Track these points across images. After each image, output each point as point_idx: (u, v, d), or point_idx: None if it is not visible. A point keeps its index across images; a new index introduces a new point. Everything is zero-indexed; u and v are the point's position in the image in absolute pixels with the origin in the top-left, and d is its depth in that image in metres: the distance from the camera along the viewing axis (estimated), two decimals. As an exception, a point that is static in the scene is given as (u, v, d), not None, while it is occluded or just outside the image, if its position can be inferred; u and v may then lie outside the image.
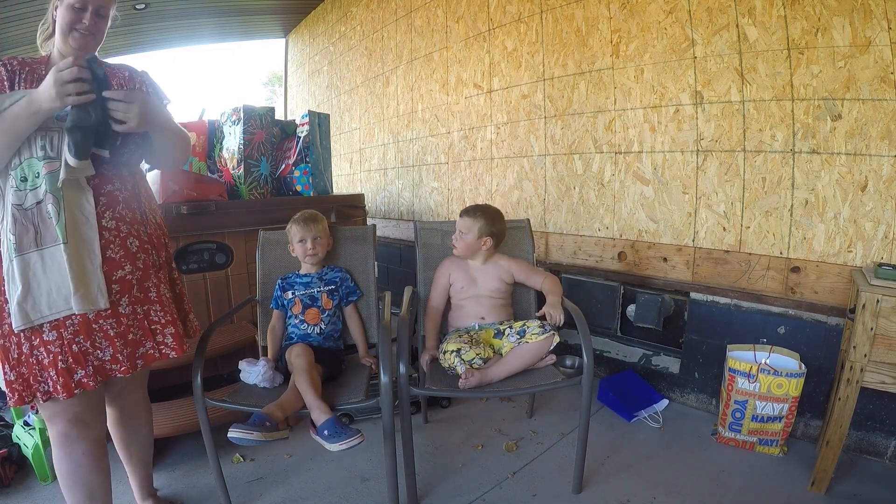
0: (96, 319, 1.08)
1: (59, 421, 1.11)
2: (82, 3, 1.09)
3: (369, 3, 3.80)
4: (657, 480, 1.57)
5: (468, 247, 1.74)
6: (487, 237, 1.73)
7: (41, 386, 1.05)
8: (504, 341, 1.59)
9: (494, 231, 1.74)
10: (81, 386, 1.06)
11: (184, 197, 1.99)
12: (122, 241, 1.13)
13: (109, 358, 1.10)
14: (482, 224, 1.72)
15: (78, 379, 1.06)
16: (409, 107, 3.46)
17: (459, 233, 1.76)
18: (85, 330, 1.07)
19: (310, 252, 1.64)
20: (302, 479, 1.62)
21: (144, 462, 1.39)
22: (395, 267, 3.64)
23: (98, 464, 1.16)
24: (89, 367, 1.07)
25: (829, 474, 1.45)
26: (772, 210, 1.78)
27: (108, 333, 1.10)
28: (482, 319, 1.71)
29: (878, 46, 1.50)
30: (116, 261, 1.12)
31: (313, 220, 1.67)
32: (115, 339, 1.10)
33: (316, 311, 1.62)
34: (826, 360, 1.71)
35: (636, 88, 2.09)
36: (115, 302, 1.11)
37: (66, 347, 1.06)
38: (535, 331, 1.55)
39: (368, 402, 1.36)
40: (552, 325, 1.57)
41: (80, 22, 1.10)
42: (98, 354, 1.09)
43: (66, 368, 1.05)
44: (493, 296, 1.74)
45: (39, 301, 1.03)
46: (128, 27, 4.18)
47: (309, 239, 1.64)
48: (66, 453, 1.12)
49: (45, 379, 1.05)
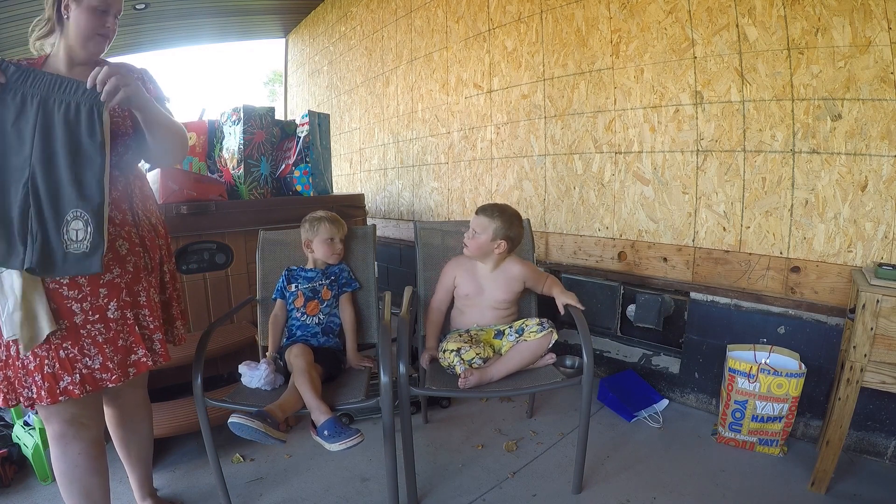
0: (84, 325, 1.06)
1: (55, 421, 1.10)
2: (105, 5, 1.07)
3: (369, 3, 3.80)
4: (657, 480, 1.57)
5: (480, 248, 1.65)
6: (502, 241, 1.63)
7: (25, 391, 1.04)
8: (504, 341, 1.59)
9: (511, 235, 1.64)
10: (66, 393, 1.04)
11: (184, 197, 1.99)
12: (111, 243, 1.10)
13: (99, 366, 1.08)
14: (498, 225, 1.62)
15: (63, 386, 1.04)
16: (409, 107, 3.46)
17: (473, 231, 1.65)
18: (73, 336, 1.05)
19: (337, 251, 1.68)
20: (302, 479, 1.62)
21: (144, 461, 1.39)
22: (395, 267, 3.64)
23: (95, 464, 1.15)
24: (76, 374, 1.05)
25: (829, 474, 1.45)
26: (772, 210, 1.78)
27: (96, 339, 1.07)
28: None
29: (878, 46, 1.50)
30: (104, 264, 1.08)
31: (341, 223, 1.72)
32: (104, 346, 1.08)
33: (316, 303, 1.64)
34: (826, 360, 1.71)
35: (636, 88, 2.09)
36: (102, 306, 1.08)
37: (53, 353, 1.04)
38: (533, 329, 1.55)
39: (368, 402, 1.36)
40: (550, 324, 1.57)
41: (103, 27, 1.08)
42: (87, 362, 1.07)
43: (52, 374, 1.03)
44: (498, 307, 1.68)
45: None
46: (128, 27, 4.18)
47: (337, 238, 1.69)
48: (63, 453, 1.12)
49: (28, 385, 1.04)
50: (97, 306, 1.08)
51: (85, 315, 1.07)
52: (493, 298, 1.69)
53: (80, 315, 1.06)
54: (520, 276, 1.69)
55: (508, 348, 1.55)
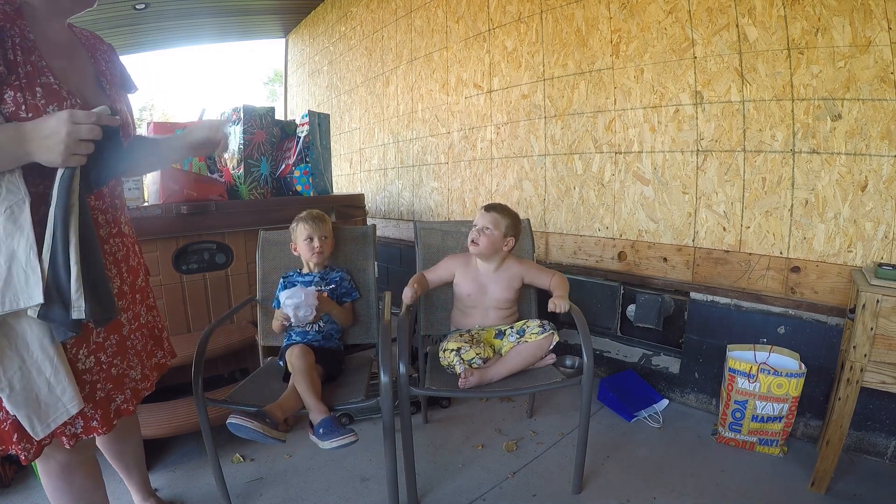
0: (129, 335, 1.00)
1: (59, 453, 0.97)
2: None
3: (369, 3, 3.80)
4: (657, 480, 1.57)
5: (492, 244, 1.63)
6: (511, 238, 1.66)
7: (68, 429, 0.90)
8: (504, 341, 1.59)
9: (517, 234, 1.69)
10: (120, 414, 0.95)
11: (184, 197, 1.99)
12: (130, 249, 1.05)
13: (140, 376, 1.02)
14: (509, 223, 1.65)
15: (116, 406, 0.95)
16: (409, 107, 3.46)
17: (484, 228, 1.62)
18: (122, 350, 0.98)
19: (316, 251, 1.63)
20: (302, 479, 1.62)
21: (140, 464, 1.38)
22: (395, 267, 3.64)
23: (97, 483, 1.09)
24: (127, 390, 0.98)
25: (829, 474, 1.45)
26: (772, 210, 1.78)
27: (136, 348, 1.02)
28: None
29: (878, 46, 1.50)
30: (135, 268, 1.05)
31: (321, 220, 1.66)
32: (141, 353, 1.04)
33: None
34: (826, 360, 1.71)
35: (636, 88, 2.09)
36: (138, 313, 1.03)
37: (105, 373, 0.94)
38: (534, 330, 1.55)
39: (368, 401, 1.36)
40: (551, 325, 1.57)
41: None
42: (132, 375, 1.00)
43: (106, 397, 0.93)
44: (500, 306, 1.69)
45: None
46: (128, 27, 4.18)
47: (317, 237, 1.63)
48: (68, 483, 1.01)
49: (72, 420, 0.90)
50: (136, 313, 1.04)
51: (129, 325, 1.03)
52: (496, 298, 1.68)
53: (126, 326, 1.02)
54: (518, 274, 1.70)
55: (509, 349, 1.55)
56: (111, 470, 1.34)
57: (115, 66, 1.07)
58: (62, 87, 0.87)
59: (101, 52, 1.04)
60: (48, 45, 0.89)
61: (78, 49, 0.98)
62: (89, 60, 0.99)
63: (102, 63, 1.02)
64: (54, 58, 0.89)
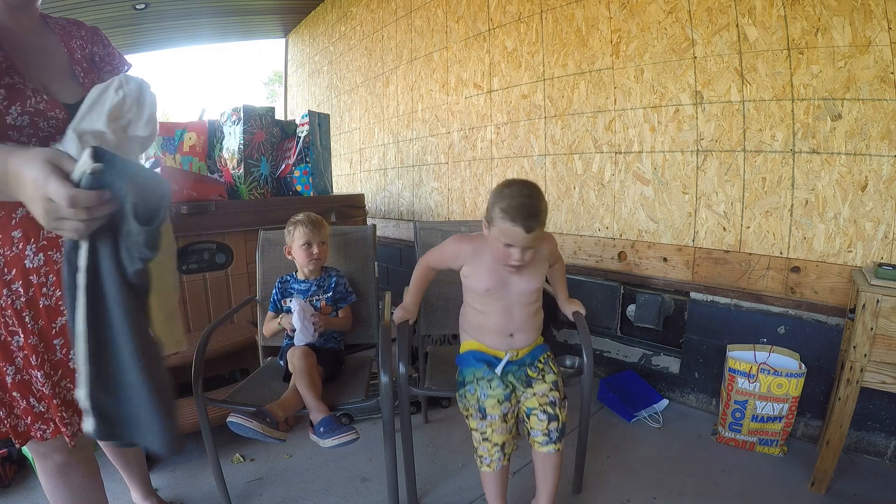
0: None
1: (58, 453, 0.98)
2: None
3: (369, 3, 3.80)
4: (657, 480, 1.57)
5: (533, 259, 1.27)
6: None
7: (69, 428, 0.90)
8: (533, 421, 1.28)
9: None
10: None
11: (184, 197, 1.99)
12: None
13: None
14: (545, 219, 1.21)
15: None
16: (409, 107, 3.46)
17: (524, 249, 1.19)
18: None
19: (315, 257, 1.57)
20: (302, 479, 1.62)
21: (141, 462, 1.39)
22: (395, 267, 3.64)
23: (95, 481, 1.08)
24: None
25: (829, 474, 1.45)
26: (772, 210, 1.78)
27: None
28: (511, 337, 1.32)
29: (878, 46, 1.50)
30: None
31: (320, 225, 1.59)
32: None
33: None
34: (826, 360, 1.71)
35: (636, 88, 2.09)
36: None
37: None
38: (539, 438, 1.29)
39: (368, 401, 1.36)
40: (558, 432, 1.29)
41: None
42: None
43: None
44: (528, 301, 1.32)
45: None
46: (128, 27, 4.18)
47: (315, 244, 1.56)
48: (66, 483, 1.00)
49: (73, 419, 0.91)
50: None
51: None
52: (520, 290, 1.30)
53: None
54: (547, 254, 1.37)
55: (540, 458, 1.31)
56: (111, 470, 1.34)
57: (95, 51, 1.01)
58: (27, 85, 0.83)
59: (77, 38, 0.99)
60: (12, 39, 0.85)
61: (49, 39, 0.95)
62: (61, 50, 0.96)
63: (78, 51, 0.98)
64: (19, 52, 0.86)
